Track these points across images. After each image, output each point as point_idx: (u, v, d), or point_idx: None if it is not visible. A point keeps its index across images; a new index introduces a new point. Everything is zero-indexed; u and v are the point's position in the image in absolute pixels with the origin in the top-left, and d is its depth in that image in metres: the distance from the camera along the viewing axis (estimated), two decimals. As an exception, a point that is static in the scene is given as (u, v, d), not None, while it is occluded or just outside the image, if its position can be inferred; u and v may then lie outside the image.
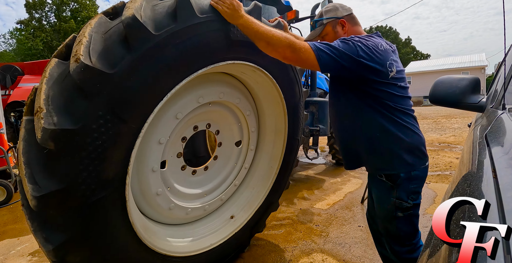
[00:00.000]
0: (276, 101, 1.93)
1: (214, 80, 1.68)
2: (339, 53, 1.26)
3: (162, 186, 1.56)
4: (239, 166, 2.07)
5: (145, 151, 1.44)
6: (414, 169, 1.39)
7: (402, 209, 1.42)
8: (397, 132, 1.36)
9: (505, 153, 0.70)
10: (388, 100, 1.36)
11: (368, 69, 1.30)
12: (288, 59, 1.28)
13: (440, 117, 13.64)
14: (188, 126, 1.68)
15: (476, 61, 27.48)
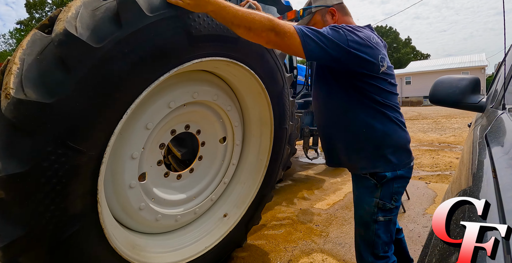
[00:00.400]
0: (257, 92, 1.83)
1: (185, 79, 1.56)
2: (327, 41, 1.15)
3: (145, 200, 1.49)
4: (227, 163, 2.00)
5: (118, 170, 1.35)
6: (399, 168, 1.33)
7: (384, 211, 1.34)
8: (385, 128, 1.30)
9: (505, 153, 0.70)
10: (377, 95, 1.29)
11: (359, 61, 1.21)
12: (272, 43, 1.16)
13: (440, 117, 13.65)
14: (164, 132, 1.58)
15: (476, 61, 27.49)
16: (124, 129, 1.30)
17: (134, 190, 1.41)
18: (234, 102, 1.89)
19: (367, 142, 1.32)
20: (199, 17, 1.27)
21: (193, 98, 1.58)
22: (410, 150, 1.38)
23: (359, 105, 1.30)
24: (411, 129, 9.92)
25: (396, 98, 1.38)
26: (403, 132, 1.35)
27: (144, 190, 1.51)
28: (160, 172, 1.63)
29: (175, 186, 1.74)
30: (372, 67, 1.24)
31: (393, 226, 1.38)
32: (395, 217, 1.38)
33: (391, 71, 1.35)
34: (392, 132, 1.31)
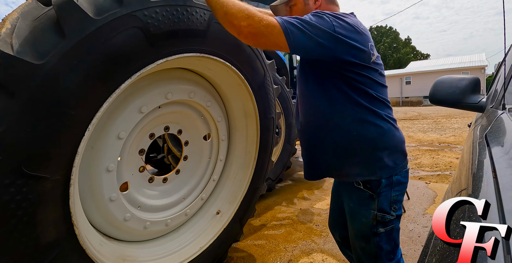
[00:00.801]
0: (237, 84, 1.73)
1: (156, 80, 1.45)
2: (312, 28, 1.02)
3: (129, 210, 1.44)
4: (214, 160, 1.93)
5: (95, 185, 1.29)
6: (396, 173, 1.20)
7: (384, 223, 1.21)
8: (379, 128, 1.16)
9: (505, 153, 0.70)
10: (370, 88, 1.16)
11: (348, 48, 1.08)
12: (244, 35, 1.01)
13: (440, 117, 13.65)
14: (141, 137, 1.51)
15: (476, 61, 27.50)
16: (94, 142, 1.24)
17: (116, 203, 1.36)
18: (214, 97, 1.81)
19: (360, 145, 1.17)
20: (157, 13, 1.13)
21: (167, 99, 1.48)
22: (406, 152, 1.27)
23: (350, 103, 1.16)
24: (411, 129, 9.92)
25: (387, 91, 1.27)
26: (397, 131, 1.23)
27: (128, 200, 1.47)
28: (143, 179, 1.57)
29: (162, 190, 1.69)
30: (363, 55, 1.12)
31: (396, 232, 1.26)
32: (398, 223, 1.26)
33: (379, 61, 1.24)
34: (387, 132, 1.18)
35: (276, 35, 0.99)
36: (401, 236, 2.51)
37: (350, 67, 1.12)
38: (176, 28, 1.22)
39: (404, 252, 2.25)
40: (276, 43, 1.01)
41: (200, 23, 1.32)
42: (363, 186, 1.21)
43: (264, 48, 1.10)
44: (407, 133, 9.07)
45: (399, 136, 1.23)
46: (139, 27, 1.09)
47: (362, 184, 1.21)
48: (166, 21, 1.17)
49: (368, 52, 1.13)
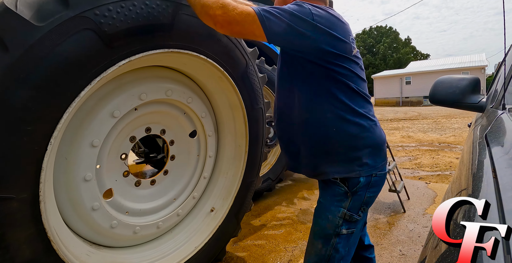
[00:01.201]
0: (217, 76, 1.64)
1: (127, 82, 1.37)
2: (290, 16, 0.99)
3: (116, 217, 1.41)
4: (203, 157, 1.87)
5: (74, 196, 1.25)
6: (375, 173, 1.15)
7: (349, 223, 1.16)
8: (360, 125, 1.12)
9: (505, 153, 0.70)
10: (351, 82, 1.11)
11: (328, 38, 1.04)
12: (220, 24, 0.98)
13: (440, 117, 13.65)
14: (121, 141, 1.45)
15: (476, 61, 27.50)
16: (68, 153, 1.20)
17: (99, 211, 1.33)
18: (195, 92, 1.72)
19: (339, 142, 1.13)
20: (110, 11, 1.04)
21: (141, 100, 1.41)
22: (385, 152, 1.22)
23: (331, 97, 1.11)
24: (411, 129, 9.92)
25: (366, 87, 1.23)
26: (378, 129, 1.18)
27: (113, 206, 1.44)
28: (129, 183, 1.52)
29: (151, 193, 1.65)
30: (344, 46, 1.09)
31: (354, 239, 1.21)
32: (359, 227, 1.21)
33: (359, 56, 1.21)
34: (368, 130, 1.13)
35: (250, 23, 0.96)
36: (401, 236, 2.51)
37: (331, 59, 1.07)
38: (135, 24, 1.12)
39: (404, 252, 2.25)
40: (252, 31, 0.98)
41: (164, 16, 1.21)
42: (340, 180, 1.16)
43: (240, 36, 1.05)
44: (407, 133, 9.07)
45: (379, 134, 1.18)
46: (91, 29, 1.00)
47: (339, 179, 1.17)
48: (122, 19, 1.07)
49: (350, 44, 1.10)
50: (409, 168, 4.89)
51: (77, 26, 0.97)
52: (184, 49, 1.36)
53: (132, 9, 1.10)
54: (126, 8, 1.08)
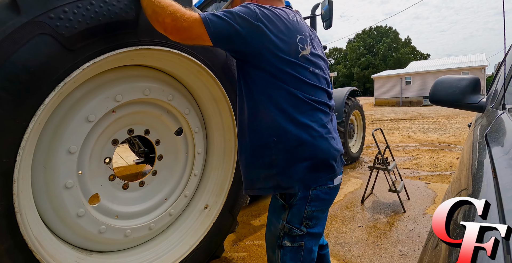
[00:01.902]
0: (196, 71, 1.58)
1: (99, 84, 1.32)
2: (233, 16, 0.99)
3: (104, 222, 1.39)
4: (192, 154, 1.83)
5: (57, 204, 1.23)
6: (314, 187, 1.09)
7: (291, 237, 1.11)
8: (301, 136, 1.05)
9: (505, 153, 0.70)
10: (295, 88, 1.05)
11: (269, 39, 1.01)
12: (169, 31, 1.00)
13: (440, 117, 13.65)
14: (102, 145, 1.42)
15: (476, 61, 27.49)
16: (45, 161, 1.18)
17: (85, 218, 1.31)
18: (176, 89, 1.66)
19: (278, 154, 1.07)
20: (65, 12, 0.99)
21: (117, 101, 1.36)
22: (334, 166, 1.12)
23: (272, 105, 1.06)
24: (411, 129, 9.92)
25: (325, 94, 1.15)
26: (324, 141, 1.08)
27: (101, 211, 1.42)
28: (116, 187, 1.50)
29: (141, 194, 1.62)
30: (287, 47, 1.04)
31: (306, 254, 1.14)
32: (311, 243, 1.15)
33: (317, 59, 1.14)
34: (309, 142, 1.05)
35: (197, 28, 0.98)
36: (401, 236, 2.51)
37: (273, 62, 1.03)
38: (95, 24, 1.07)
39: (404, 252, 2.25)
40: (199, 36, 0.99)
41: (126, 12, 1.15)
42: (279, 195, 1.15)
43: (189, 42, 1.04)
44: (407, 133, 9.08)
45: (325, 147, 1.08)
46: (47, 33, 0.96)
47: (278, 193, 1.15)
48: (80, 20, 1.03)
49: (295, 45, 1.06)
50: (409, 168, 4.89)
51: (31, 32, 0.94)
52: (154, 45, 1.30)
53: (90, 8, 1.06)
54: (83, 8, 1.04)
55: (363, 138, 5.78)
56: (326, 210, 1.17)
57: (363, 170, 4.86)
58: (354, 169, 4.96)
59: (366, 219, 2.92)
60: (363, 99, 33.37)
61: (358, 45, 56.69)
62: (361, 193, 3.55)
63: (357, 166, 5.19)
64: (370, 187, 3.66)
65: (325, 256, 1.49)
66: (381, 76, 31.20)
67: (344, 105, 4.84)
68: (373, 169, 3.35)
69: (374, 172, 3.53)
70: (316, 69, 1.12)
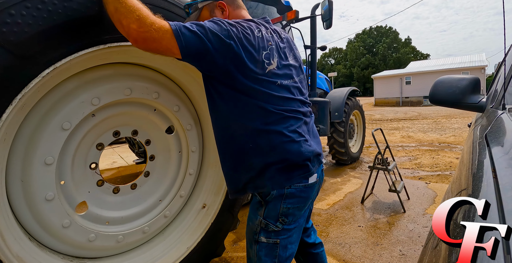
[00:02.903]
0: (182, 65, 1.51)
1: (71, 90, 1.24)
2: (206, 32, 0.97)
3: (93, 229, 1.35)
4: (186, 152, 1.76)
5: (41, 217, 1.19)
6: (288, 186, 1.13)
7: (266, 232, 1.16)
8: (272, 140, 1.10)
9: (505, 153, 0.70)
10: (262, 101, 1.08)
11: (239, 57, 1.02)
12: (133, 38, 0.92)
13: (440, 117, 13.65)
14: (87, 150, 1.35)
15: (476, 61, 27.49)
16: (22, 175, 1.14)
17: (71, 228, 1.27)
18: (163, 85, 1.57)
19: (255, 159, 1.13)
20: (12, 15, 0.88)
21: (94, 105, 1.28)
22: (307, 166, 1.16)
23: (240, 116, 1.11)
24: (411, 129, 9.92)
25: (295, 102, 1.18)
26: (295, 145, 1.13)
27: (90, 219, 1.38)
28: (106, 192, 1.44)
29: (133, 197, 1.57)
30: (254, 65, 1.06)
31: (283, 250, 1.18)
32: (286, 241, 1.18)
33: (286, 70, 1.17)
34: (281, 146, 1.11)
35: (168, 40, 0.92)
36: (401, 236, 2.51)
37: (240, 78, 1.05)
38: (50, 25, 0.94)
39: (404, 252, 2.25)
40: (168, 48, 0.95)
41: (87, 7, 1.02)
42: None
43: (155, 53, 0.98)
44: (407, 133, 9.08)
45: (295, 150, 1.13)
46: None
47: None
48: (30, 22, 0.91)
49: (261, 61, 1.07)
50: (409, 168, 4.89)
51: None
52: (126, 41, 1.18)
53: (42, 7, 0.93)
54: (33, 8, 0.91)
55: (363, 138, 5.78)
56: (303, 207, 1.20)
57: (363, 170, 4.86)
58: (354, 169, 4.96)
59: (366, 219, 2.92)
60: (363, 99, 33.37)
61: (358, 45, 56.68)
62: (361, 193, 3.55)
63: (357, 166, 5.19)
64: (370, 187, 3.66)
65: (319, 255, 1.50)
66: (381, 76, 31.20)
67: (344, 105, 4.84)
68: (373, 169, 3.35)
69: (374, 172, 3.53)
70: (284, 81, 1.14)
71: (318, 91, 5.05)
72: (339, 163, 5.25)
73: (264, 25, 1.18)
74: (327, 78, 6.20)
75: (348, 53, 60.75)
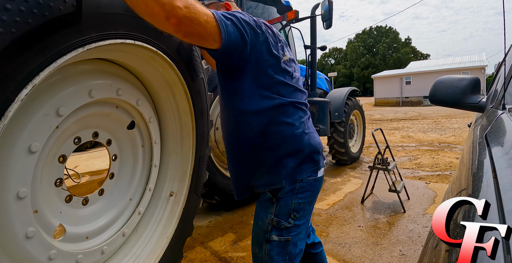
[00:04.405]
0: (148, 56, 1.43)
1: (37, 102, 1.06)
2: (240, 22, 0.94)
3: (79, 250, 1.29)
4: (148, 145, 1.70)
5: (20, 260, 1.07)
6: (300, 179, 1.13)
7: (278, 230, 1.13)
8: (284, 133, 1.11)
9: (505, 153, 0.70)
10: (277, 94, 1.10)
11: (266, 46, 1.04)
12: (178, 19, 0.79)
13: (440, 117, 13.65)
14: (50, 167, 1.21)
15: (476, 61, 27.50)
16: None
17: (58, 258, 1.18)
18: (124, 79, 1.46)
19: (266, 153, 1.12)
20: None
21: (61, 116, 1.13)
22: (317, 160, 1.17)
23: (256, 112, 1.10)
24: (411, 129, 9.92)
25: (301, 94, 1.21)
26: (306, 135, 1.14)
27: (70, 241, 1.29)
28: (76, 206, 1.34)
29: (103, 204, 1.51)
30: (276, 55, 1.09)
31: (292, 248, 1.17)
32: (297, 238, 1.17)
33: (293, 64, 1.22)
34: (292, 137, 1.11)
35: (212, 25, 0.86)
36: (401, 236, 2.51)
37: (265, 67, 1.07)
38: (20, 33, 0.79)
39: (404, 252, 2.25)
40: (211, 34, 0.87)
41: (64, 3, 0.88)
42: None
43: (193, 39, 0.88)
44: (407, 133, 9.07)
45: (307, 140, 1.14)
46: None
47: None
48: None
49: (278, 52, 1.11)
50: (409, 168, 4.89)
51: None
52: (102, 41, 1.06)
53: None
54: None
55: (363, 138, 5.78)
56: (312, 202, 1.20)
57: (363, 170, 4.86)
58: (354, 169, 4.96)
59: (366, 219, 2.92)
60: (363, 99, 33.38)
61: (358, 45, 56.70)
62: (361, 193, 3.55)
63: (357, 166, 5.19)
64: (370, 187, 3.66)
65: (318, 255, 1.48)
66: (381, 76, 31.20)
67: (344, 105, 4.85)
68: (373, 169, 3.35)
69: (374, 172, 3.53)
70: (295, 73, 1.18)
71: (318, 91, 5.05)
72: (339, 163, 5.25)
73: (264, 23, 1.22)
74: (327, 78, 6.20)
75: (348, 53, 60.77)
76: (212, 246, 2.43)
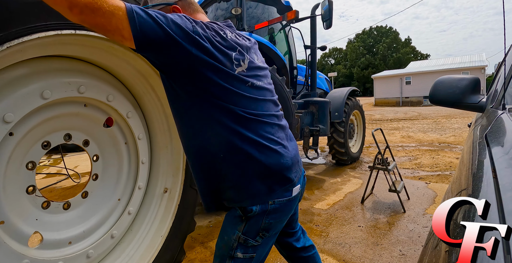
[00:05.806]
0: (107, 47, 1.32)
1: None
2: (166, 20, 0.85)
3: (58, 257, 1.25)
4: (132, 142, 1.61)
5: None
6: (272, 200, 1.03)
7: (244, 248, 1.06)
8: (246, 151, 1.00)
9: (505, 153, 0.70)
10: (233, 104, 0.98)
11: (205, 54, 0.92)
12: (79, 9, 0.74)
13: (440, 117, 13.65)
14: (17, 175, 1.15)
15: (476, 61, 27.50)
16: None
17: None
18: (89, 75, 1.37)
19: (229, 169, 1.02)
20: None
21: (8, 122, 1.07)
22: (288, 177, 1.07)
23: (212, 122, 0.99)
24: (411, 129, 9.92)
25: (269, 104, 1.11)
26: (273, 154, 1.03)
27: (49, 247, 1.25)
28: (55, 211, 1.30)
29: (88, 206, 1.45)
30: (222, 64, 0.96)
31: (257, 260, 1.11)
32: (263, 254, 1.12)
33: (256, 71, 1.09)
34: (258, 156, 1.00)
35: (119, 18, 0.78)
36: (401, 236, 2.51)
37: (207, 77, 0.95)
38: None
39: (404, 252, 2.25)
40: (117, 28, 0.79)
41: None
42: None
43: (100, 31, 0.81)
44: (407, 133, 9.08)
45: (274, 160, 1.03)
46: None
47: None
48: None
49: (230, 61, 0.99)
50: (409, 168, 4.89)
51: None
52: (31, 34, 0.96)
53: None
54: None
55: (363, 138, 5.78)
56: (285, 220, 1.13)
57: (363, 170, 4.86)
58: (354, 169, 4.96)
59: (366, 219, 2.92)
60: (363, 99, 33.36)
61: (358, 45, 56.69)
62: (361, 193, 3.55)
63: (357, 166, 5.19)
64: (370, 187, 3.66)
65: (310, 258, 1.42)
66: (381, 76, 31.20)
67: (344, 105, 4.85)
68: (373, 169, 3.35)
69: (374, 172, 3.53)
70: (256, 82, 1.07)
71: (318, 91, 5.06)
72: (339, 163, 5.25)
73: (227, 28, 1.11)
74: (327, 78, 6.20)
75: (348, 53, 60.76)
76: (212, 246, 2.43)
